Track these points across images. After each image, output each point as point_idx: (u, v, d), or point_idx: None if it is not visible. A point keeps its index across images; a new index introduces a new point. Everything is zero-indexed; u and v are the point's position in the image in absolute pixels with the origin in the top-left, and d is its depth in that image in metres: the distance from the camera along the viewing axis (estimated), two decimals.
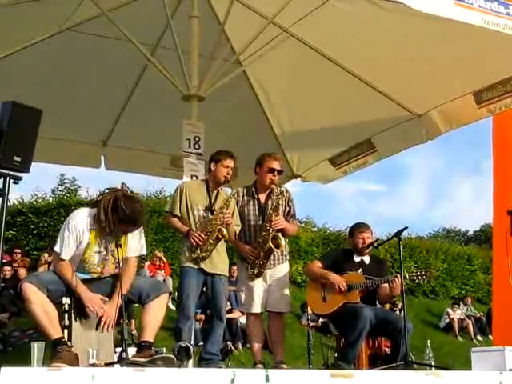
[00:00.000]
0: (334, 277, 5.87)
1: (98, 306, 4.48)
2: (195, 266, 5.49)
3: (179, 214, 5.61)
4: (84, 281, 4.55)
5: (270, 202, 5.93)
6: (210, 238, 5.48)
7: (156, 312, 4.58)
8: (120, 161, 8.64)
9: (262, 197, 5.98)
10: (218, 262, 5.62)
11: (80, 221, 4.50)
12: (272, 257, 5.85)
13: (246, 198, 5.95)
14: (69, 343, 4.29)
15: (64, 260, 4.50)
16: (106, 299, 4.56)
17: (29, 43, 6.75)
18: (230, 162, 5.71)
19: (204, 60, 6.63)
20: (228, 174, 5.70)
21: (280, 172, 5.99)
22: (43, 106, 4.21)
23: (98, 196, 4.58)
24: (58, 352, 4.15)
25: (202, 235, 5.45)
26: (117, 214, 4.35)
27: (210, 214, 5.60)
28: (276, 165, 5.97)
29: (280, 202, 5.86)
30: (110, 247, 4.58)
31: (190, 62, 6.57)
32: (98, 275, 4.64)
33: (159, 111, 7.97)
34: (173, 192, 5.82)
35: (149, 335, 4.52)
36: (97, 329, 4.52)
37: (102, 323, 4.49)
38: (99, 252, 4.57)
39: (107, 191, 4.51)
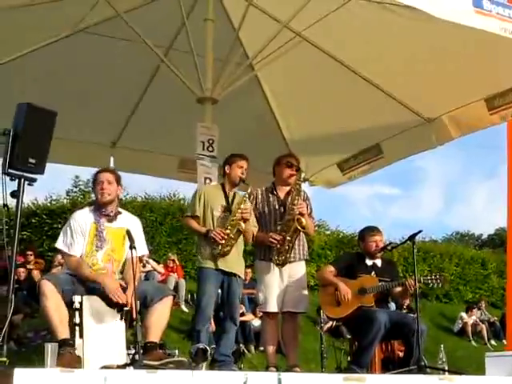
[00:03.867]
0: (342, 286, 5.83)
1: (122, 294, 4.49)
2: (213, 266, 5.51)
3: (199, 215, 5.66)
4: None
5: (289, 198, 5.88)
6: (231, 233, 5.52)
7: (160, 314, 4.63)
8: (128, 162, 8.58)
9: (282, 194, 5.99)
10: (237, 261, 5.66)
11: (79, 215, 4.77)
12: (293, 250, 5.82)
13: (264, 195, 5.98)
14: (75, 340, 4.32)
15: (73, 255, 4.65)
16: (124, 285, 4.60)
17: (42, 44, 6.78)
18: (243, 163, 5.82)
19: (217, 63, 6.63)
20: (243, 174, 5.80)
21: (298, 169, 6.01)
22: (55, 106, 4.23)
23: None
24: (59, 353, 4.21)
25: (223, 231, 5.49)
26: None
27: (228, 213, 5.64)
28: (294, 160, 6.04)
29: (299, 189, 5.85)
30: (110, 241, 4.72)
31: (204, 64, 6.57)
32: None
33: (169, 113, 7.98)
34: (191, 197, 5.92)
35: (153, 336, 4.57)
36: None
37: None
38: (101, 247, 4.70)
39: None
